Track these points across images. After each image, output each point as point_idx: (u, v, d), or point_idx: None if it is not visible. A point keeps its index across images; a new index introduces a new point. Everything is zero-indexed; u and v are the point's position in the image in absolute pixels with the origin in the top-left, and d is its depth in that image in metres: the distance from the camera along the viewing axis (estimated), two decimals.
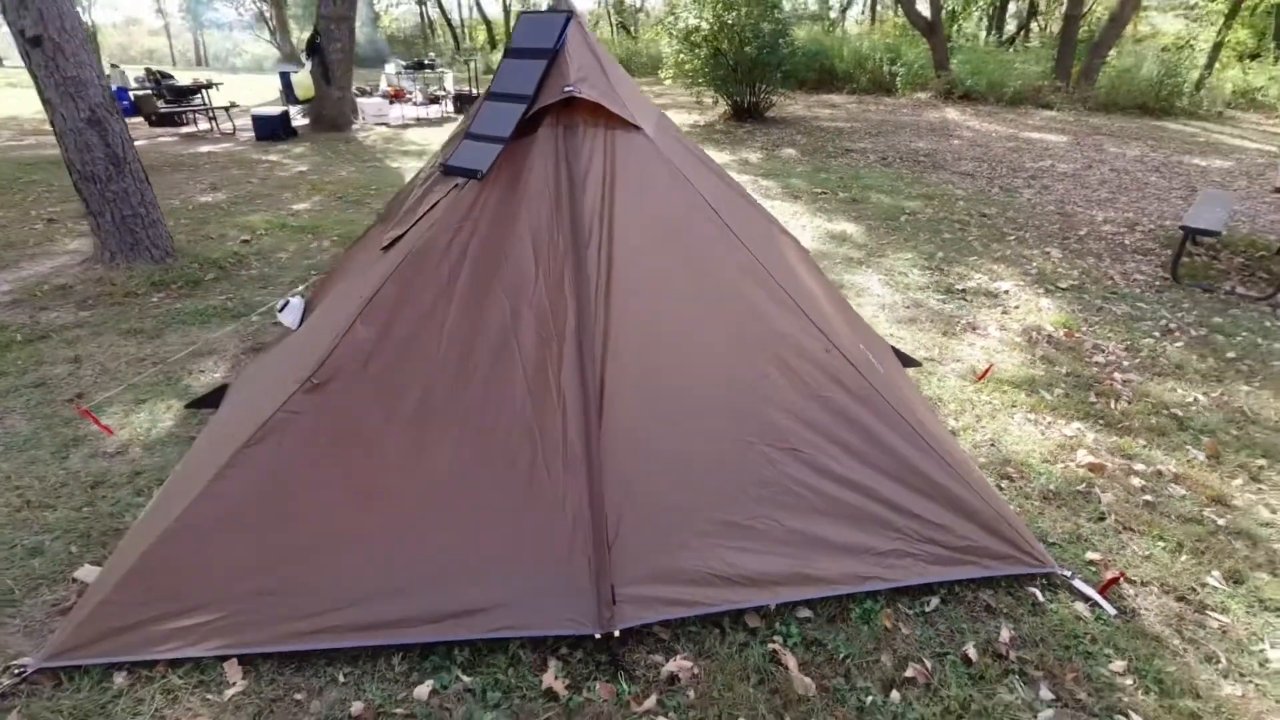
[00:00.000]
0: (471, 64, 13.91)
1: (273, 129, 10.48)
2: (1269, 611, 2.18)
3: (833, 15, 21.63)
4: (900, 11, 16.83)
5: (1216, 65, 13.54)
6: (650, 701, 1.85)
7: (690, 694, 1.88)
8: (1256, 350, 3.92)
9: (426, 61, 13.45)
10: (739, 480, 2.26)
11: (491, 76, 2.63)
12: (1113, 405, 3.32)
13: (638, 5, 28.84)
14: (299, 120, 11.45)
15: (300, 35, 29.95)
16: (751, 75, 11.28)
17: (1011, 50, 16.81)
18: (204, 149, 9.53)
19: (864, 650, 2.02)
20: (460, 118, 12.95)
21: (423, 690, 1.88)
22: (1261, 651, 2.05)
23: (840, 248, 5.68)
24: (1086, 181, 8.12)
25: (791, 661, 1.97)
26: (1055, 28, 23.85)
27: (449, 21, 31.07)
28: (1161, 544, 2.44)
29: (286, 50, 21.49)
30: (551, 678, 1.91)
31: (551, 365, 2.23)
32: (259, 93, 15.20)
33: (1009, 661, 1.99)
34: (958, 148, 10.00)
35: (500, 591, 2.02)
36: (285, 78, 12.18)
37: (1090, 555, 2.38)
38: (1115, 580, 2.20)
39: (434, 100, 13.11)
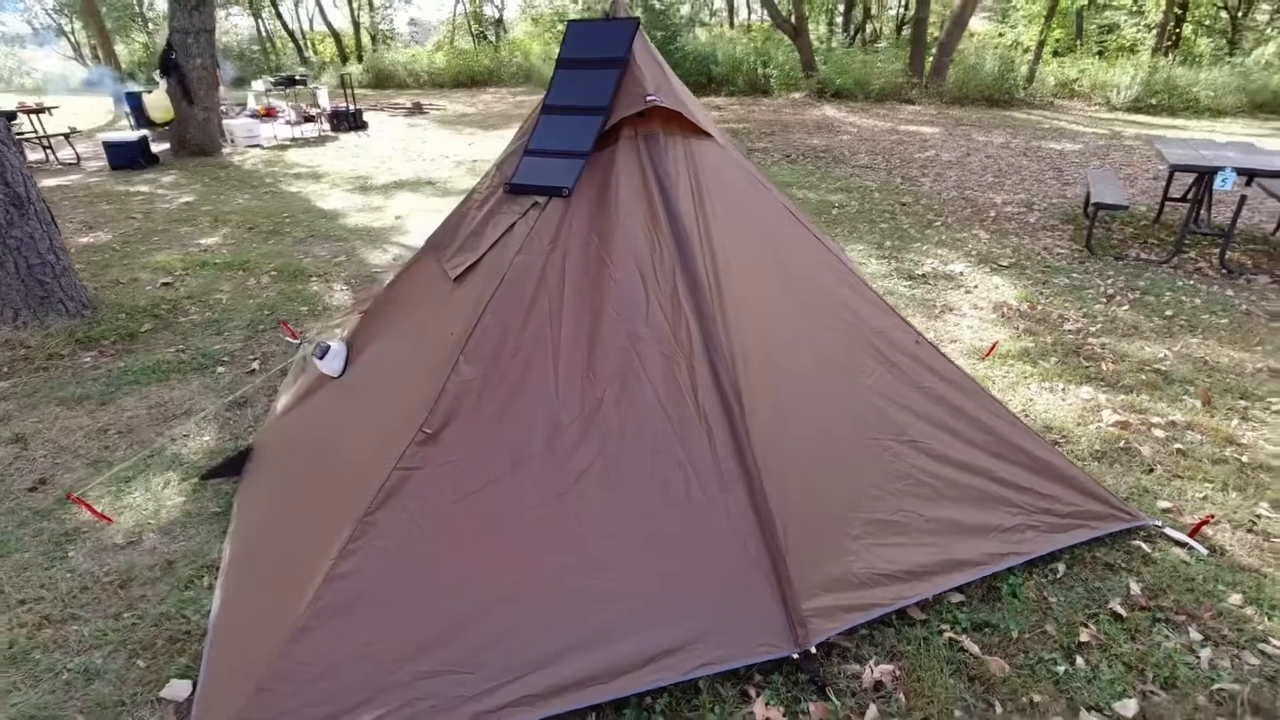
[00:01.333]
0: (348, 77, 13.06)
1: (131, 157, 9.33)
2: None
3: (705, 19, 22.31)
4: (765, 16, 17.67)
5: (1041, 61, 15.32)
6: (871, 712, 1.83)
7: (901, 698, 1.88)
8: (1184, 307, 4.48)
9: (298, 77, 12.47)
10: (875, 478, 2.29)
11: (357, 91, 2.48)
12: (1104, 367, 3.68)
13: (496, 14, 28.34)
14: (158, 146, 10.26)
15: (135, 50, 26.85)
16: None
17: (868, 51, 18.10)
18: (50, 183, 8.32)
19: (1030, 624, 2.11)
20: (338, 136, 12.16)
21: None
22: None
23: None
24: (971, 168, 8.92)
25: (973, 647, 2.02)
26: (887, 29, 26.11)
27: (291, 34, 29.00)
28: (1209, 485, 2.74)
29: (97, 70, 19.12)
30: (763, 707, 1.84)
31: (685, 385, 2.15)
32: (86, 116, 13.44)
33: (1151, 611, 2.15)
34: (849, 143, 10.65)
35: (688, 627, 1.92)
36: (134, 99, 10.88)
37: (1162, 504, 2.62)
38: (1204, 523, 2.44)
39: (309, 119, 12.20)
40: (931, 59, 14.86)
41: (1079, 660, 1.98)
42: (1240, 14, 19.97)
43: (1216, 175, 4.84)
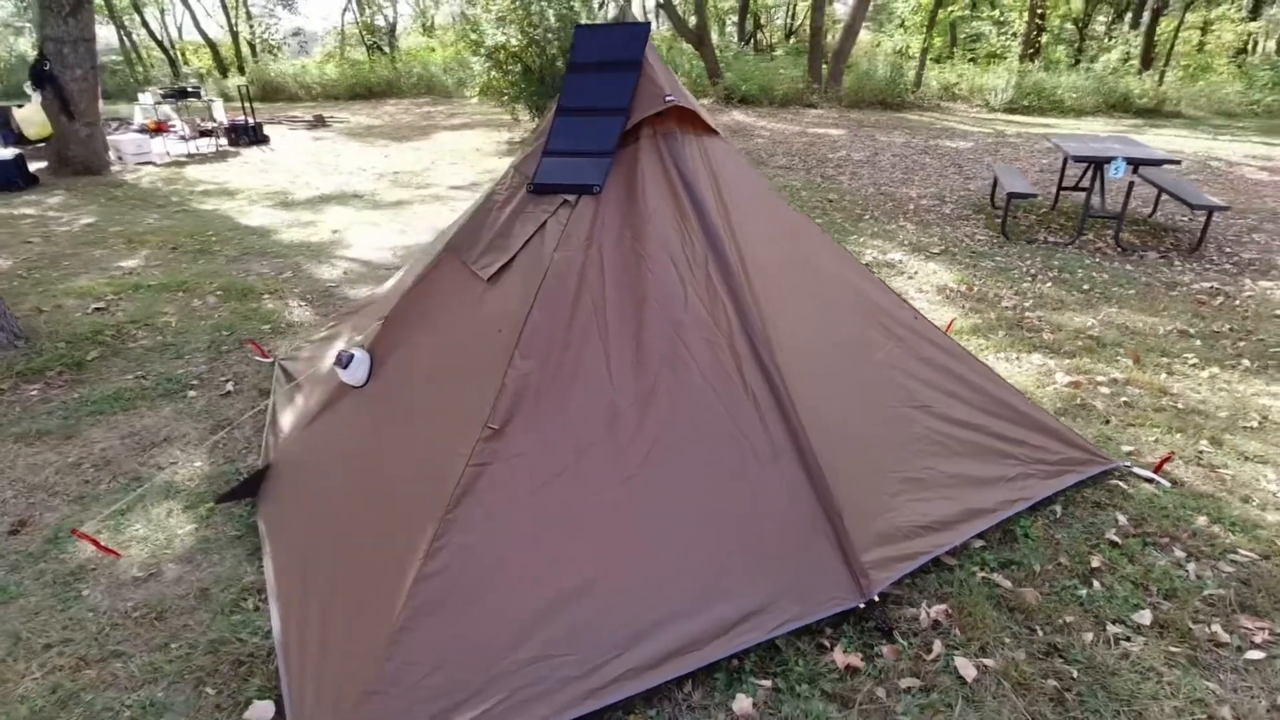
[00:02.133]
0: (246, 90, 12.34)
1: (8, 177, 8.49)
2: (1249, 461, 2.92)
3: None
4: (666, 26, 18.11)
5: (925, 68, 16.53)
6: (937, 647, 2.02)
7: (957, 632, 2.08)
8: (1096, 282, 5.04)
9: (190, 89, 11.68)
10: (900, 440, 2.50)
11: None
12: (1045, 337, 4.10)
13: (389, 25, 27.52)
14: (34, 164, 9.38)
15: None
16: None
17: (766, 58, 18.90)
18: None
19: (1047, 558, 2.36)
20: (239, 151, 11.50)
21: (743, 703, 1.85)
22: (1267, 487, 2.75)
23: None
24: (881, 166, 9.55)
25: (1005, 582, 2.25)
26: (776, 38, 27.37)
27: (160, 44, 27.02)
28: (1157, 429, 3.13)
29: None
30: (842, 655, 1.99)
31: (729, 364, 2.28)
32: None
33: (1140, 537, 2.46)
34: (765, 145, 11.13)
35: (762, 591, 2.04)
36: (1, 114, 9.89)
37: (1125, 448, 2.98)
38: (1165, 460, 2.80)
39: (205, 133, 11.47)
40: (827, 66, 15.72)
41: (1095, 584, 2.25)
42: (1083, 25, 22.30)
43: (1110, 164, 5.47)
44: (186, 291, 4.83)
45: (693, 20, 16.39)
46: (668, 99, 2.46)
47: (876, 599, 2.07)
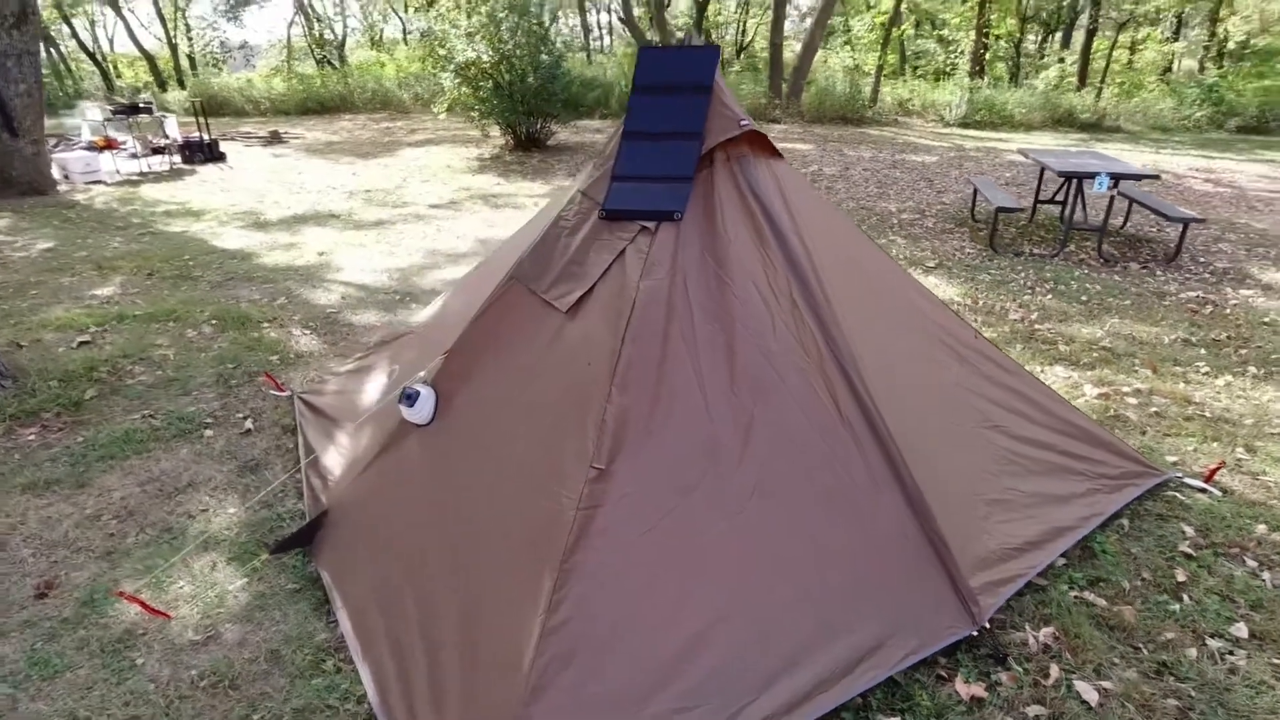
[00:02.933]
0: (199, 105, 11.82)
1: None
2: None
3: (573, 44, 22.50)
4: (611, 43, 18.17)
5: (880, 83, 17.02)
6: (1054, 671, 2.01)
7: (1068, 655, 2.08)
8: (1092, 293, 5.21)
9: (142, 104, 11.11)
10: (981, 462, 2.51)
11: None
12: (1061, 349, 4.21)
13: (338, 39, 26.87)
14: None
15: None
16: (534, 105, 11.41)
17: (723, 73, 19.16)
18: None
19: (1131, 573, 2.40)
20: (195, 169, 11.00)
21: None
22: None
23: None
24: (854, 180, 9.75)
25: (1100, 600, 2.27)
26: (728, 53, 27.84)
27: (92, 56, 25.78)
28: (1193, 439, 3.23)
29: None
30: (964, 684, 1.96)
31: (822, 392, 2.24)
32: None
33: (1210, 548, 2.52)
34: None
35: (878, 625, 2.00)
36: None
37: (1170, 458, 3.07)
38: (1216, 469, 2.89)
39: (157, 150, 10.94)
40: (787, 82, 16.03)
41: (1184, 598, 2.29)
42: (1017, 44, 23.38)
43: (1095, 179, 5.69)
44: (177, 321, 4.55)
45: (655, 36, 16.52)
46: (743, 123, 2.44)
47: (987, 625, 2.06)
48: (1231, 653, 2.09)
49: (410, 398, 2.43)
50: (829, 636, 1.96)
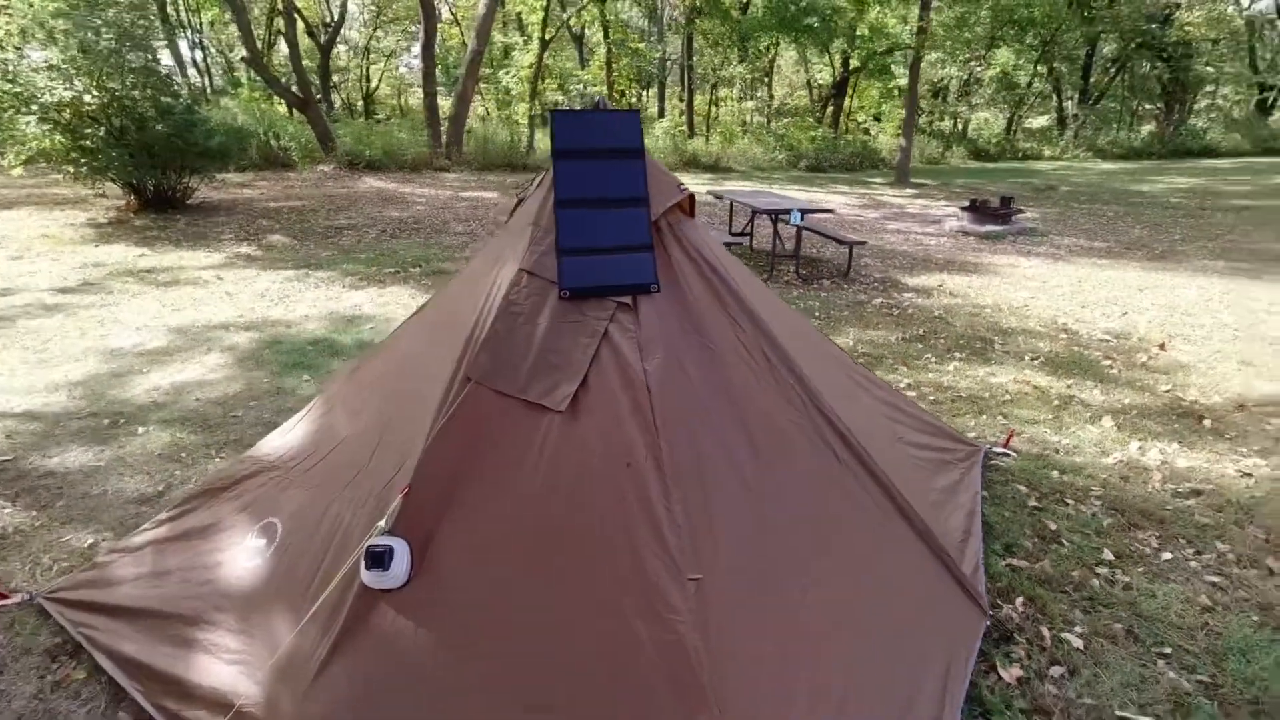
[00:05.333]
0: None
1: None
2: (1031, 425, 4.04)
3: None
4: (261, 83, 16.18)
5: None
6: (1046, 633, 2.37)
7: (1040, 616, 2.47)
8: (815, 309, 6.25)
9: None
10: (908, 473, 2.82)
11: None
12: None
13: None
14: None
15: None
16: (166, 159, 9.43)
17: (371, 123, 18.22)
18: None
19: (1021, 534, 2.95)
20: None
21: None
22: (1053, 439, 3.85)
23: None
24: None
25: (1025, 563, 2.75)
26: (340, 99, 26.78)
27: None
28: (968, 416, 4.10)
29: None
30: (1004, 670, 2.21)
31: (819, 445, 2.32)
32: None
33: (1051, 498, 3.23)
34: (430, 213, 10.77)
35: (940, 644, 2.13)
36: None
37: (971, 434, 3.85)
38: (1011, 436, 3.71)
39: None
40: (446, 133, 15.92)
41: (1063, 541, 2.90)
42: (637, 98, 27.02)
43: (790, 214, 6.84)
44: None
45: (292, 80, 14.95)
46: (681, 188, 2.41)
47: (990, 612, 2.35)
48: (1114, 575, 2.72)
49: (378, 557, 1.82)
50: (920, 672, 2.02)
